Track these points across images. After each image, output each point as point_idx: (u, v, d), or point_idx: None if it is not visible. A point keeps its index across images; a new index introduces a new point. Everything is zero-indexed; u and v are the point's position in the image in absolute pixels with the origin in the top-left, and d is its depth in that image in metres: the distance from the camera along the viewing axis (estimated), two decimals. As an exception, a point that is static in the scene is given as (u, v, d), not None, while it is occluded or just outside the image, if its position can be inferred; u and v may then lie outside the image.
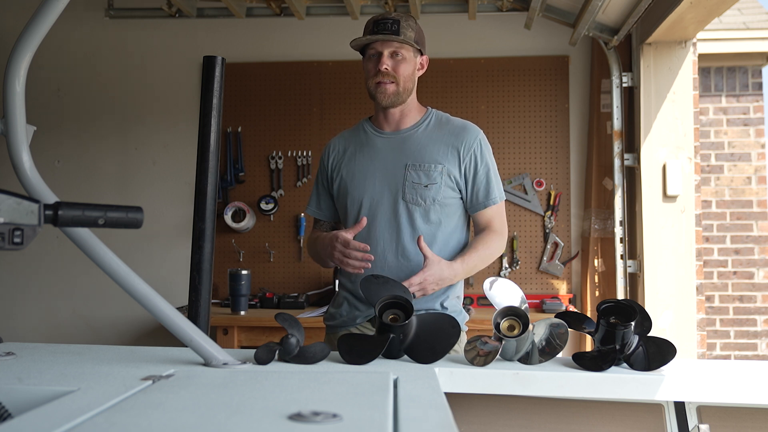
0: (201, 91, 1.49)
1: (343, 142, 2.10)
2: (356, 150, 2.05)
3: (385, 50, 1.94)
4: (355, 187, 2.01)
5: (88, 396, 0.98)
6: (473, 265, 1.95)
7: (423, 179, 1.95)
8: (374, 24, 1.95)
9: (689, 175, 3.36)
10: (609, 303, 1.41)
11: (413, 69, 1.99)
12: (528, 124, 3.78)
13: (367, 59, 1.99)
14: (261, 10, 3.76)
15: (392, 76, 1.94)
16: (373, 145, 2.04)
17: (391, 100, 1.97)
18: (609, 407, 1.39)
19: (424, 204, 1.95)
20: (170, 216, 3.88)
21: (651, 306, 3.29)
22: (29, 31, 1.20)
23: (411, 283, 1.80)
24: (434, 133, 2.02)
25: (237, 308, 3.38)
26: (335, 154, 2.09)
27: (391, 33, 1.92)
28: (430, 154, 1.98)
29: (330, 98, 3.87)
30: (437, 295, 1.96)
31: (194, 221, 1.46)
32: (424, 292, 1.84)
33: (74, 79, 4.01)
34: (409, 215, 1.96)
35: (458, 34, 3.82)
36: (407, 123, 2.04)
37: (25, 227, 0.90)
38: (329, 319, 2.08)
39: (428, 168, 1.96)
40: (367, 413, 0.89)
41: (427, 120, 2.05)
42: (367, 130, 2.08)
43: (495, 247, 2.00)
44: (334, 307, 2.07)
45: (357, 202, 2.00)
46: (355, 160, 2.04)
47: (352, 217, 2.01)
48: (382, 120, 2.05)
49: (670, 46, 3.36)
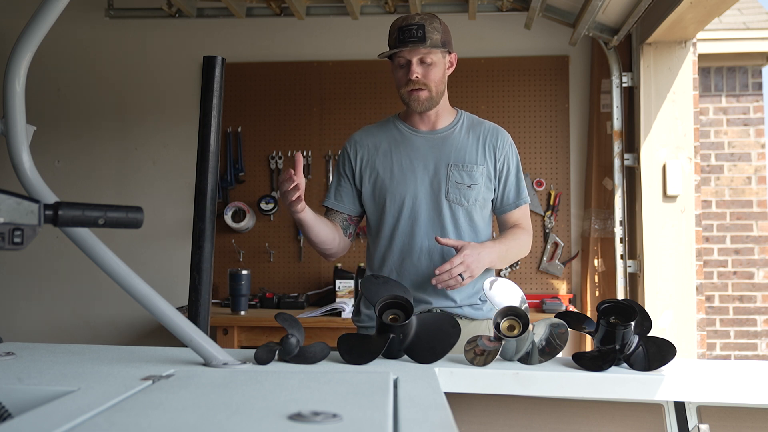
0: (201, 91, 1.49)
1: (372, 138, 2.06)
2: (391, 147, 2.02)
3: (414, 58, 1.91)
4: (396, 185, 1.98)
5: (88, 396, 0.98)
6: (507, 250, 1.95)
7: (466, 179, 1.96)
8: (399, 31, 1.91)
9: (689, 175, 3.36)
10: (609, 303, 1.41)
11: (443, 71, 1.98)
12: (528, 124, 3.78)
13: (396, 67, 1.96)
14: (261, 10, 3.76)
15: (423, 84, 1.93)
16: (411, 143, 2.01)
17: (425, 106, 1.96)
18: (609, 407, 1.39)
19: (467, 204, 1.96)
20: (170, 216, 3.88)
21: (651, 306, 3.29)
22: (29, 31, 1.20)
23: (453, 263, 1.77)
24: (470, 133, 2.02)
25: (237, 308, 3.38)
26: (365, 149, 2.04)
27: (418, 40, 1.89)
28: (470, 154, 1.98)
29: (330, 98, 3.87)
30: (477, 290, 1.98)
31: (194, 221, 1.46)
32: (471, 274, 1.80)
33: (74, 79, 4.01)
34: (452, 215, 1.96)
35: (458, 34, 3.77)
36: (443, 123, 2.03)
37: (25, 227, 0.90)
38: (366, 321, 2.01)
39: (470, 168, 1.97)
40: (367, 413, 0.89)
41: (461, 121, 2.05)
42: (401, 128, 2.05)
43: (524, 242, 2.02)
44: (370, 308, 1.99)
45: (399, 200, 1.97)
46: (391, 157, 2.01)
47: (391, 215, 1.98)
48: (417, 120, 2.03)
49: (670, 46, 3.36)
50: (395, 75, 1.97)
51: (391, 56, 1.97)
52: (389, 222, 1.99)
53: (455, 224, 1.96)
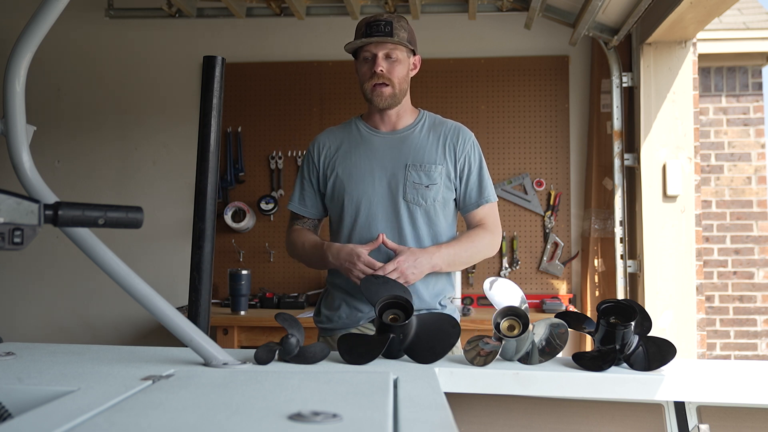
0: (201, 91, 1.49)
1: (334, 139, 2.07)
2: (351, 148, 2.03)
3: (380, 52, 1.94)
4: (354, 185, 1.99)
5: (88, 396, 0.98)
6: (455, 254, 1.94)
7: (424, 179, 1.96)
8: (366, 26, 1.94)
9: (689, 175, 3.36)
10: (609, 303, 1.41)
11: (407, 70, 2.00)
12: (528, 124, 3.78)
13: (361, 62, 1.98)
14: (261, 10, 3.76)
15: (387, 79, 1.94)
16: (370, 144, 2.02)
17: (388, 103, 1.97)
18: (609, 407, 1.39)
19: (425, 204, 1.96)
20: (170, 216, 3.88)
21: (651, 306, 3.29)
22: (29, 31, 1.20)
23: (385, 270, 1.81)
24: (430, 133, 2.02)
25: (237, 308, 3.38)
26: (326, 151, 2.06)
27: (385, 35, 1.91)
28: (429, 154, 1.99)
29: (330, 98, 3.87)
30: (435, 294, 1.98)
31: (194, 221, 1.46)
32: (406, 280, 1.83)
33: (74, 79, 4.01)
34: (410, 215, 1.96)
35: (458, 34, 3.82)
36: (403, 123, 2.04)
37: (25, 227, 0.90)
38: (325, 322, 2.04)
39: (429, 168, 1.97)
40: (367, 413, 0.89)
41: (422, 121, 2.05)
42: (361, 128, 2.06)
43: (483, 243, 1.99)
44: (330, 310, 2.03)
45: (356, 201, 1.98)
46: (351, 159, 2.02)
47: (349, 216, 1.99)
48: (377, 120, 2.04)
49: (670, 46, 3.36)
50: (359, 71, 1.99)
51: (356, 53, 1.99)
52: (347, 222, 2.00)
53: (413, 224, 1.96)
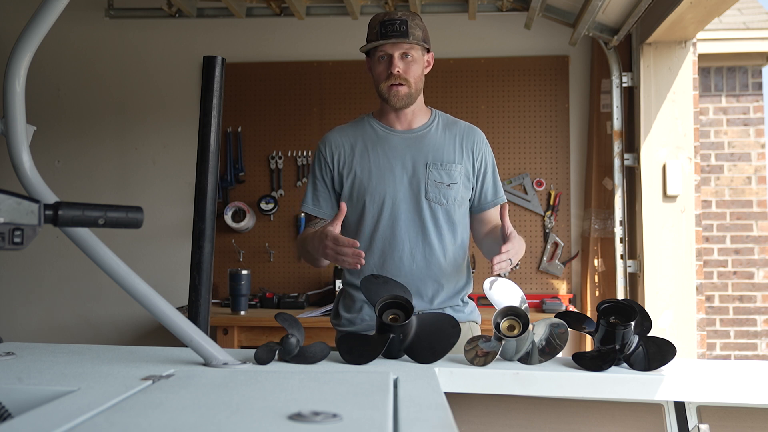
0: (201, 91, 1.49)
1: (347, 138, 2.03)
2: (367, 147, 1.99)
3: (396, 52, 1.91)
4: (375, 185, 1.95)
5: (88, 396, 0.98)
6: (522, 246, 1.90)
7: (445, 178, 1.95)
8: (381, 25, 1.91)
9: (689, 175, 3.36)
10: (609, 303, 1.41)
11: (422, 69, 1.98)
12: (528, 124, 3.78)
13: (376, 61, 1.94)
14: (261, 10, 3.76)
15: (404, 79, 1.92)
16: (388, 142, 1.99)
17: (404, 102, 1.95)
18: (609, 407, 1.39)
19: (446, 204, 1.95)
20: (170, 216, 3.88)
21: (651, 306, 3.29)
22: (29, 31, 1.20)
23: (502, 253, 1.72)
24: (446, 132, 2.01)
25: (237, 308, 3.38)
26: (341, 150, 2.01)
27: (401, 35, 1.89)
28: (448, 153, 1.98)
29: (330, 98, 3.87)
30: (458, 290, 1.99)
31: (194, 221, 1.46)
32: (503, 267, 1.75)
33: (74, 79, 4.01)
34: (432, 214, 1.95)
35: (458, 34, 3.82)
36: (419, 122, 2.02)
37: (25, 227, 0.90)
38: (347, 325, 1.99)
39: (449, 167, 1.96)
40: (367, 413, 0.89)
41: (436, 120, 2.04)
42: (376, 127, 2.02)
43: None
44: (351, 312, 1.99)
45: (378, 200, 1.95)
46: (368, 158, 1.98)
47: (371, 216, 1.95)
48: (393, 118, 2.01)
49: (670, 46, 3.36)
50: (374, 70, 1.96)
51: (370, 52, 1.97)
52: (369, 223, 1.96)
53: (435, 224, 1.95)
